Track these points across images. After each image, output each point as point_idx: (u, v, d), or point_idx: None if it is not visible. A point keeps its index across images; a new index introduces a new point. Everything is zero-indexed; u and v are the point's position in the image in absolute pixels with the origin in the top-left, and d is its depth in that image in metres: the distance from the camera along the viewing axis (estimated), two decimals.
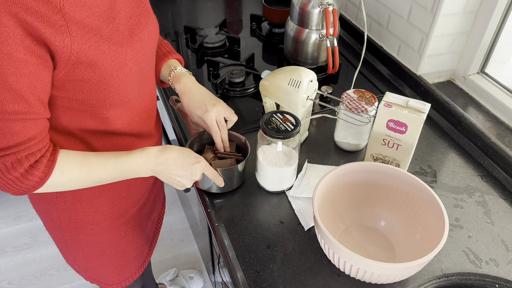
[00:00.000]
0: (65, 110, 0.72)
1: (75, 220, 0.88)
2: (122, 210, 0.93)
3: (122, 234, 0.97)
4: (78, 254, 0.96)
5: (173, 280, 1.73)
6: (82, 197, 0.85)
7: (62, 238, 0.93)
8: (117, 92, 0.71)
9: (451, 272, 0.80)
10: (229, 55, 1.40)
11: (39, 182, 0.66)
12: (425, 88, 1.17)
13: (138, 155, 0.73)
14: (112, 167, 0.72)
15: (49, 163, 0.66)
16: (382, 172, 0.84)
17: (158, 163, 0.75)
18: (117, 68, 0.68)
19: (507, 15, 1.07)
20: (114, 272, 1.03)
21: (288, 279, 0.78)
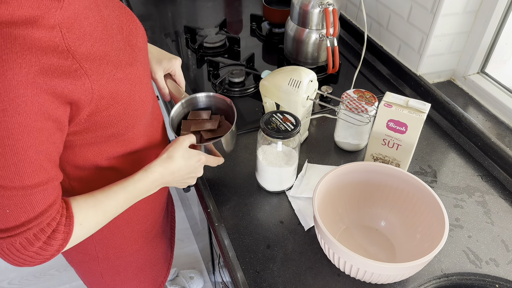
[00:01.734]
0: (92, 146, 0.70)
1: (113, 246, 0.87)
2: (153, 222, 0.94)
3: (154, 245, 0.98)
4: (114, 280, 0.95)
5: (173, 280, 1.73)
6: (118, 221, 0.84)
7: (96, 271, 0.92)
8: (141, 115, 0.71)
9: (451, 272, 0.80)
10: (229, 55, 1.40)
11: (62, 244, 0.62)
12: (425, 88, 1.17)
13: (145, 178, 0.71)
14: (124, 199, 0.69)
15: (68, 221, 0.62)
16: (382, 172, 0.84)
17: (165, 176, 0.74)
18: (137, 90, 0.68)
19: (507, 15, 1.07)
20: (150, 284, 1.04)
21: (288, 279, 0.78)
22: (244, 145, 1.05)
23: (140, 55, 0.71)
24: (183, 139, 0.76)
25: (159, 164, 0.72)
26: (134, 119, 0.69)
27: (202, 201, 0.93)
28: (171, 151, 0.74)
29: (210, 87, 1.25)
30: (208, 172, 0.98)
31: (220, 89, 1.21)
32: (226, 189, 0.95)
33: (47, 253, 0.61)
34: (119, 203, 0.69)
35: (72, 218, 0.62)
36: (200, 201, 0.94)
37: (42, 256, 0.61)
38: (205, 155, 0.80)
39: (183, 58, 1.38)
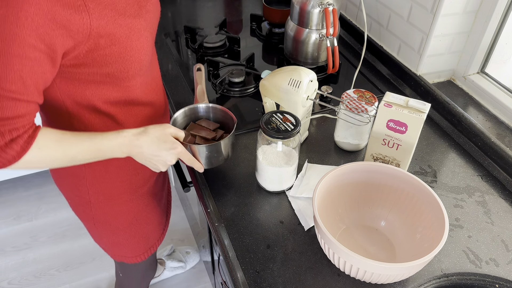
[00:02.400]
0: (90, 84, 0.75)
1: (104, 191, 0.92)
2: (145, 179, 0.97)
3: (145, 203, 1.01)
4: (105, 229, 1.00)
5: (170, 255, 1.79)
6: (110, 168, 0.89)
7: (90, 215, 0.97)
8: (136, 62, 0.75)
9: (451, 272, 0.80)
10: (229, 55, 1.40)
11: (15, 157, 0.67)
12: (425, 88, 1.17)
13: (113, 138, 0.74)
14: (87, 148, 0.73)
15: (29, 139, 0.67)
16: (382, 172, 0.84)
17: (132, 146, 0.76)
18: (135, 38, 0.73)
19: (507, 15, 1.07)
20: (140, 242, 1.07)
21: (288, 279, 0.78)
22: (244, 145, 1.05)
23: (147, 15, 0.77)
24: (168, 126, 0.79)
25: (132, 133, 0.75)
26: (130, 64, 0.74)
27: (202, 201, 0.93)
28: (150, 128, 0.77)
29: (210, 87, 1.25)
30: (209, 172, 0.98)
31: (220, 89, 1.21)
32: (226, 189, 0.95)
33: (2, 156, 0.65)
34: (81, 149, 0.72)
35: (33, 139, 0.67)
36: (200, 201, 0.94)
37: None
38: (182, 147, 0.80)
39: (183, 58, 1.39)
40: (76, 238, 1.92)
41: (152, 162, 0.79)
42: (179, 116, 0.91)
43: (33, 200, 2.08)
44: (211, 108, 0.94)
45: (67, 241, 1.91)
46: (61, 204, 2.06)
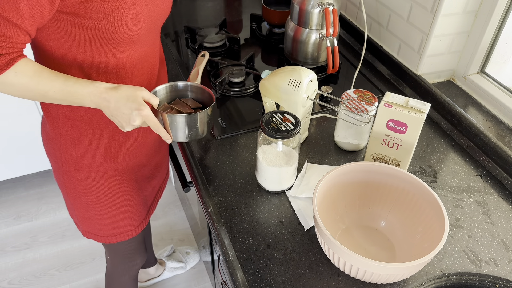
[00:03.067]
0: (80, 41, 0.77)
1: (74, 160, 0.94)
2: (118, 159, 0.97)
3: (118, 183, 1.01)
4: (76, 201, 1.01)
5: (170, 256, 1.79)
6: (81, 137, 0.90)
7: (63, 182, 0.99)
8: (126, 28, 0.76)
9: (451, 272, 0.80)
10: (229, 55, 1.40)
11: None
12: (425, 88, 1.17)
13: (85, 86, 0.76)
14: (59, 87, 0.75)
15: (10, 61, 0.70)
16: (382, 172, 0.84)
17: (102, 98, 0.77)
18: (130, 3, 0.75)
19: (507, 15, 1.07)
20: (109, 224, 1.06)
21: (288, 279, 0.78)
22: (244, 145, 1.06)
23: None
24: (142, 89, 0.79)
25: (105, 86, 0.77)
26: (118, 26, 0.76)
27: (202, 201, 0.93)
28: (123, 86, 0.78)
29: (210, 87, 1.25)
30: (209, 172, 0.98)
31: (220, 89, 1.21)
32: (226, 189, 0.95)
33: None
34: (53, 86, 0.75)
35: (14, 61, 0.70)
36: (200, 201, 0.94)
37: None
38: (149, 110, 0.79)
39: (183, 58, 1.39)
40: (76, 238, 1.92)
41: (117, 119, 0.79)
42: (160, 91, 0.90)
43: (33, 200, 2.08)
44: (190, 86, 0.93)
45: (67, 241, 1.91)
46: (61, 204, 2.06)
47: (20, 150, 1.92)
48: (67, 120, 0.89)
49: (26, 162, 1.98)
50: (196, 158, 1.02)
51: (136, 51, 0.85)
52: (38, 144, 1.94)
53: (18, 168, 2.00)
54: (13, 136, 1.87)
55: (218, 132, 1.09)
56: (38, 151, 1.96)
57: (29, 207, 2.05)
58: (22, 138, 1.89)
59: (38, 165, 2.02)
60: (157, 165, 1.12)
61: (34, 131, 1.89)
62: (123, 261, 1.24)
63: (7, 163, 1.95)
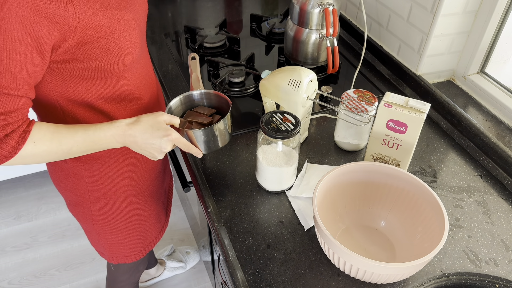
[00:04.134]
0: (82, 81, 0.75)
1: (104, 190, 0.92)
2: (144, 176, 0.98)
3: (144, 200, 1.01)
4: (105, 228, 1.00)
5: (171, 255, 1.79)
6: (109, 166, 0.89)
7: (89, 215, 0.97)
8: (125, 54, 0.75)
9: (451, 272, 0.80)
10: (229, 55, 1.40)
11: (11, 152, 0.67)
12: (425, 88, 1.17)
13: (107, 129, 0.75)
14: (81, 139, 0.73)
15: (23, 134, 0.68)
16: (382, 172, 0.84)
17: (127, 135, 0.76)
18: (122, 30, 0.73)
19: (507, 15, 1.07)
20: (139, 239, 1.07)
21: (288, 279, 0.78)
22: (244, 145, 1.06)
23: (133, 7, 0.76)
24: (161, 113, 0.78)
25: (126, 123, 0.76)
26: (119, 57, 0.74)
27: (202, 201, 0.93)
28: (143, 117, 0.77)
29: (210, 87, 1.25)
30: (209, 172, 0.98)
31: (220, 89, 1.21)
32: (226, 189, 0.95)
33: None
34: (76, 141, 0.73)
35: (28, 133, 0.68)
36: (200, 201, 0.94)
37: None
38: (176, 133, 0.79)
39: (183, 58, 1.39)
40: (76, 238, 1.92)
41: (148, 151, 0.78)
42: (174, 105, 0.90)
43: (33, 200, 2.08)
44: (205, 94, 0.93)
45: (67, 241, 1.91)
46: (61, 204, 2.06)
47: None
48: (90, 155, 0.87)
49: None
50: (196, 158, 1.02)
51: (138, 69, 0.84)
52: None
53: (18, 168, 2.00)
54: None
55: None
56: None
57: (29, 207, 2.05)
58: None
59: (38, 165, 2.02)
60: (164, 169, 1.13)
61: None
62: (127, 269, 1.23)
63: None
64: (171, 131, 0.78)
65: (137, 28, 0.77)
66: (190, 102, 0.94)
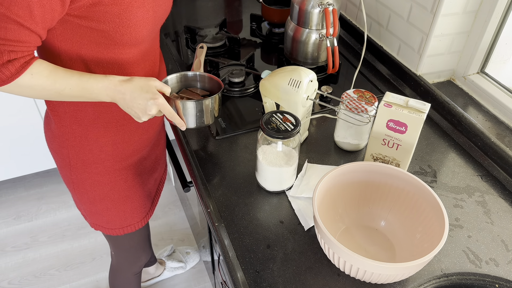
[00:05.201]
0: (87, 41, 0.79)
1: (82, 158, 0.96)
2: (124, 155, 0.99)
3: (123, 178, 1.03)
4: (83, 196, 1.03)
5: (170, 256, 1.79)
6: (89, 135, 0.92)
7: (70, 178, 1.00)
8: (132, 28, 0.78)
9: (451, 272, 0.80)
10: (229, 55, 1.40)
11: (9, 77, 0.71)
12: (425, 88, 1.17)
13: (100, 80, 0.79)
14: (75, 84, 0.77)
15: (25, 64, 0.72)
16: (382, 172, 0.84)
17: (117, 91, 0.80)
18: (136, 5, 0.76)
19: (507, 15, 1.07)
20: (117, 217, 1.09)
21: (288, 279, 0.78)
22: (244, 145, 1.06)
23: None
24: (154, 79, 0.82)
25: (118, 79, 0.80)
26: (126, 28, 0.77)
27: (202, 201, 0.93)
28: (136, 78, 0.81)
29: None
30: (209, 172, 0.98)
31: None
32: (226, 189, 0.95)
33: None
34: (69, 84, 0.77)
35: (29, 64, 0.72)
36: (200, 201, 0.94)
37: None
38: (163, 99, 0.82)
39: (183, 58, 1.39)
40: (76, 238, 1.92)
41: (133, 110, 0.81)
42: (170, 80, 0.95)
43: (33, 200, 2.08)
44: (199, 76, 0.98)
45: (67, 241, 1.91)
46: (61, 204, 2.07)
47: (20, 150, 1.92)
48: (74, 119, 0.90)
49: (26, 162, 1.99)
50: (196, 158, 1.02)
51: (140, 50, 0.86)
52: (38, 144, 1.94)
53: (18, 168, 2.00)
54: (13, 136, 1.87)
55: (218, 132, 1.09)
56: (38, 151, 1.96)
57: (29, 207, 2.05)
58: (22, 138, 1.89)
59: (38, 165, 2.02)
60: (157, 158, 1.14)
61: (34, 131, 1.89)
62: (128, 256, 1.25)
63: (7, 163, 1.95)
64: (158, 95, 0.81)
65: (151, 10, 0.81)
66: (186, 82, 0.98)
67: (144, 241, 1.24)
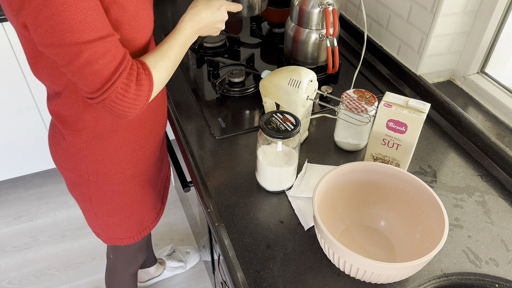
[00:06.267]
0: None
1: (103, 171, 0.96)
2: (142, 160, 1.01)
3: (140, 184, 1.04)
4: (102, 209, 1.03)
5: (170, 255, 1.79)
6: (109, 147, 0.93)
7: (87, 194, 1.00)
8: (143, 31, 0.81)
9: (451, 272, 0.80)
10: (229, 55, 1.40)
11: (150, 84, 0.76)
12: (425, 88, 1.17)
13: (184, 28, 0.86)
14: (177, 46, 0.84)
15: (144, 66, 0.77)
16: (382, 172, 0.84)
17: (198, 22, 0.88)
18: (141, 8, 0.79)
19: (507, 15, 1.07)
20: (135, 223, 1.09)
21: (288, 279, 0.78)
22: (244, 145, 1.06)
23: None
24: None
25: (189, 14, 0.87)
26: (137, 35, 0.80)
27: (202, 201, 0.93)
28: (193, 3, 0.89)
29: (210, 87, 1.25)
30: (209, 172, 0.98)
31: (220, 89, 1.21)
32: (226, 189, 0.95)
33: (142, 94, 0.76)
34: (175, 49, 0.83)
35: (145, 64, 0.77)
36: (200, 201, 0.94)
37: (141, 98, 0.76)
38: (226, 2, 0.91)
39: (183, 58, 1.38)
40: (76, 238, 1.92)
41: (213, 26, 0.91)
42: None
43: (33, 200, 2.08)
44: None
45: (67, 241, 1.91)
46: (61, 204, 2.07)
47: (20, 150, 1.92)
48: (93, 134, 0.89)
49: (26, 162, 1.99)
50: (196, 158, 1.02)
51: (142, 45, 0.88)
52: (38, 144, 1.94)
53: (18, 168, 2.00)
54: (13, 136, 1.87)
55: (218, 132, 1.09)
56: (38, 151, 1.96)
57: (29, 207, 2.05)
58: (22, 138, 1.89)
59: (38, 165, 2.02)
60: (162, 157, 1.15)
61: (34, 131, 1.89)
62: (126, 258, 1.26)
63: (7, 163, 1.95)
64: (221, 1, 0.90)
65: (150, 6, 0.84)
66: None
67: (144, 243, 1.24)
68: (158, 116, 0.99)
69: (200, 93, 1.23)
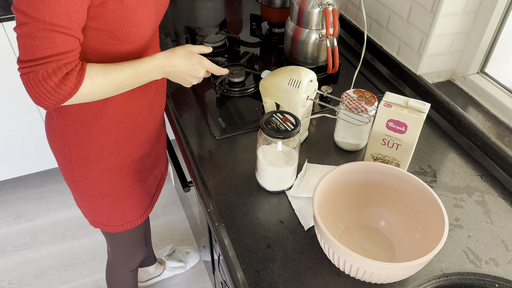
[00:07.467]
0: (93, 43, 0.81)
1: (84, 156, 0.97)
2: (125, 152, 1.01)
3: (124, 175, 1.04)
4: (84, 194, 1.04)
5: (170, 256, 1.79)
6: (91, 134, 0.93)
7: (71, 176, 1.01)
8: (139, 27, 0.81)
9: (451, 272, 0.80)
10: (229, 55, 1.40)
11: (73, 89, 0.74)
12: (425, 88, 1.17)
13: (149, 62, 0.84)
14: (129, 73, 0.82)
15: (81, 72, 0.75)
16: (382, 172, 0.84)
17: (166, 66, 0.86)
18: (141, 5, 0.79)
19: (507, 15, 1.07)
20: (117, 214, 1.09)
21: (288, 278, 0.78)
22: (244, 145, 1.06)
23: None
24: (190, 45, 0.90)
25: (163, 55, 0.86)
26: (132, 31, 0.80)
27: (202, 201, 0.93)
28: (176, 48, 0.88)
29: (210, 87, 1.25)
30: (209, 172, 0.98)
31: (220, 89, 1.21)
32: (226, 189, 0.95)
33: (61, 92, 0.74)
34: (125, 75, 0.81)
35: (84, 70, 0.76)
36: (200, 201, 0.94)
37: (57, 94, 0.74)
38: (207, 60, 0.90)
39: None
40: (76, 238, 1.92)
41: (183, 78, 0.89)
42: None
43: (33, 200, 2.08)
44: None
45: (67, 241, 1.91)
46: (61, 204, 2.07)
47: (20, 150, 1.92)
48: (77, 118, 0.91)
49: (26, 162, 1.99)
50: (196, 158, 1.02)
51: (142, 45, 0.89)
52: (38, 144, 1.94)
53: (18, 168, 2.00)
54: (13, 136, 1.87)
55: (218, 132, 1.09)
56: (38, 151, 1.96)
57: (29, 207, 2.05)
58: (22, 138, 1.89)
59: (38, 165, 2.02)
60: (158, 155, 1.14)
61: (34, 131, 1.89)
62: (124, 253, 1.26)
63: (7, 163, 1.95)
64: (202, 58, 0.89)
65: (154, 9, 0.83)
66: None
67: (140, 238, 1.24)
68: (147, 112, 0.99)
69: (200, 93, 1.23)
